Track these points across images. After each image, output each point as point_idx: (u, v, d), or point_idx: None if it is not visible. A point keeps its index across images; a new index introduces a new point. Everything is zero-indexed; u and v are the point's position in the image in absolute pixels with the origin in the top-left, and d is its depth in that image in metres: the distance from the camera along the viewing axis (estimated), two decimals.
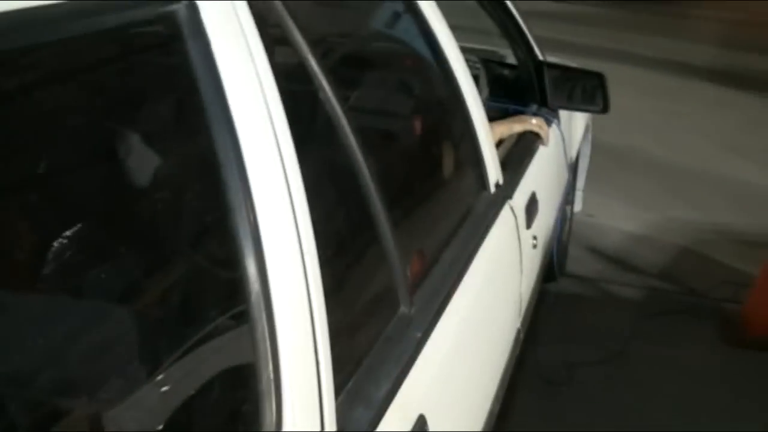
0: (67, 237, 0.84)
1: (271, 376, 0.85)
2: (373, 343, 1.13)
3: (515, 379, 2.01)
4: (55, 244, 0.84)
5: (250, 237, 0.84)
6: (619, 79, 2.77)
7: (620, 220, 4.01)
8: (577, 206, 3.50)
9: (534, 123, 2.26)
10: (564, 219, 3.02)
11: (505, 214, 1.76)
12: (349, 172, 1.16)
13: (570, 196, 3.18)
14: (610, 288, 3.39)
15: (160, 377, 0.87)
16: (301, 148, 0.94)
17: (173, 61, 0.87)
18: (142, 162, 0.94)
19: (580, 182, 3.47)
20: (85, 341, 0.87)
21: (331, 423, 0.92)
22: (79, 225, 0.86)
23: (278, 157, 0.89)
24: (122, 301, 0.92)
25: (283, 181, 0.90)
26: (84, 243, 0.86)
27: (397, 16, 1.88)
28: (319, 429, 0.89)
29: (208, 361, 0.92)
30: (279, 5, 1.04)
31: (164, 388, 0.88)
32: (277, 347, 0.85)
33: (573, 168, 3.02)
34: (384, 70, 2.04)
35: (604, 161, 4.06)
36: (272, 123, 0.90)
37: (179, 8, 0.83)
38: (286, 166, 0.90)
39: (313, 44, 1.10)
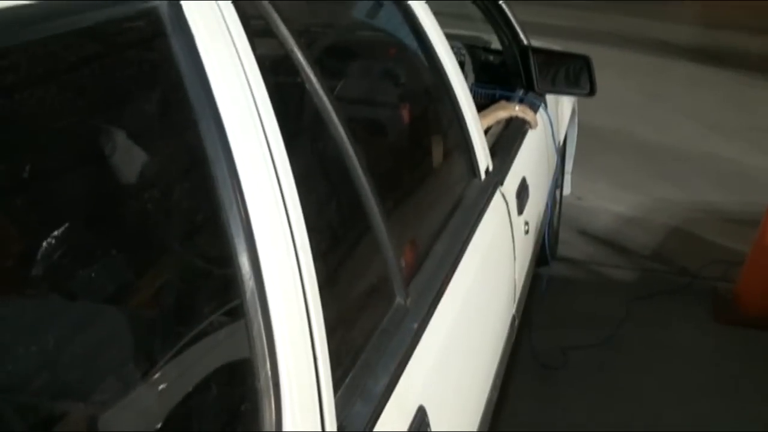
0: (56, 238, 0.83)
1: (269, 374, 0.84)
2: (369, 336, 1.11)
3: (511, 365, 2.01)
4: (44, 245, 0.82)
5: (242, 233, 0.83)
6: (601, 61, 2.77)
7: (608, 202, 4.02)
8: (566, 189, 3.50)
9: (517, 109, 2.24)
10: (554, 203, 3.02)
11: (496, 200, 1.75)
12: (339, 164, 1.15)
13: (559, 180, 3.18)
14: (601, 270, 3.40)
15: (155, 376, 0.86)
16: (290, 141, 0.93)
17: (157, 57, 0.86)
18: (130, 160, 0.93)
19: (568, 165, 3.47)
20: (78, 343, 0.86)
21: (330, 420, 0.91)
22: (67, 226, 0.84)
23: (267, 152, 0.88)
24: (115, 301, 0.91)
25: (274, 175, 0.88)
26: (74, 244, 0.85)
27: (380, 4, 1.86)
28: (319, 427, 0.88)
29: (204, 359, 0.91)
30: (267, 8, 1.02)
31: (161, 387, 0.87)
32: (273, 345, 0.84)
33: (561, 151, 3.01)
34: (370, 60, 2.03)
35: (589, 143, 4.06)
36: (260, 117, 0.88)
37: (161, 4, 0.81)
38: (276, 161, 0.89)
39: (298, 36, 1.08)
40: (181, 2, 0.82)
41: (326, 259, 1.07)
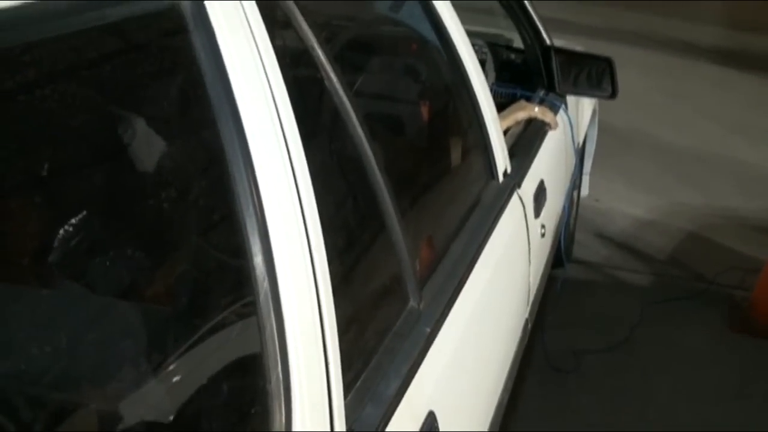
0: (73, 230, 0.83)
1: (280, 375, 0.83)
2: (382, 338, 1.11)
3: (523, 367, 2.00)
4: (61, 237, 0.82)
5: (257, 231, 0.83)
6: (623, 60, 2.74)
7: (626, 205, 3.99)
8: (584, 191, 3.47)
9: (537, 111, 2.22)
10: (571, 204, 3.00)
11: (513, 203, 1.74)
12: (356, 163, 1.14)
13: (577, 181, 3.15)
14: (616, 274, 3.38)
15: (167, 371, 0.86)
16: (307, 138, 0.92)
17: (179, 54, 0.85)
18: (149, 155, 0.93)
19: (587, 166, 3.44)
20: (91, 336, 0.86)
21: (340, 422, 0.90)
22: (85, 218, 0.85)
23: (285, 149, 0.88)
24: (129, 294, 0.91)
25: (290, 173, 0.88)
26: (90, 236, 0.85)
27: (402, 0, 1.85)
28: (328, 428, 0.88)
29: (215, 357, 0.91)
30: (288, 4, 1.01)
31: (173, 381, 0.87)
32: (285, 346, 0.83)
33: (580, 153, 2.99)
34: (390, 56, 2.02)
35: (608, 144, 4.03)
36: (279, 115, 0.88)
37: (184, 3, 0.81)
38: (293, 158, 0.89)
39: (319, 31, 1.07)
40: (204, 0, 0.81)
41: (340, 260, 1.07)
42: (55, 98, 0.81)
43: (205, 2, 0.82)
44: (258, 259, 0.83)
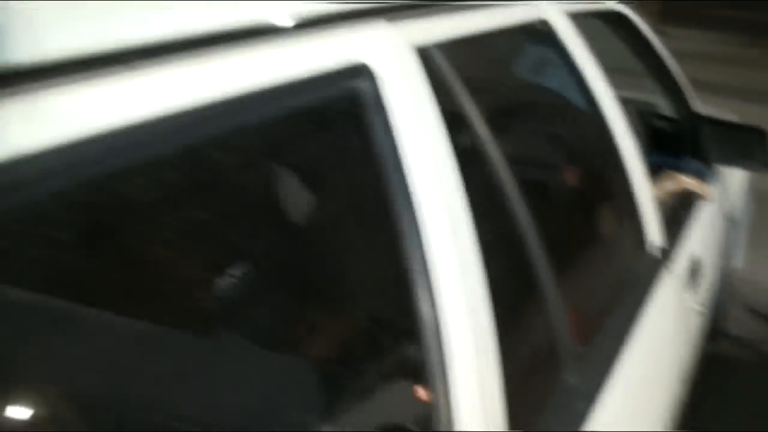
0: (230, 280, 0.87)
1: None
2: (537, 412, 1.10)
3: None
4: (224, 288, 0.87)
5: (426, 293, 0.86)
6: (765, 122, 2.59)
7: None
8: (738, 264, 3.29)
9: (689, 181, 2.16)
10: (724, 278, 2.85)
11: (666, 277, 1.68)
12: (514, 230, 1.16)
13: (730, 254, 3.00)
14: None
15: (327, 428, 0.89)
16: (471, 205, 0.95)
17: (356, 134, 0.90)
18: (319, 216, 0.98)
19: (742, 238, 3.27)
20: (252, 387, 0.90)
21: None
22: (243, 268, 0.89)
23: (452, 216, 0.91)
24: (290, 347, 0.94)
25: (457, 237, 0.90)
26: (253, 290, 0.89)
27: (548, 62, 1.85)
28: None
29: (380, 415, 0.93)
30: (449, 72, 1.06)
31: None
32: (451, 412, 0.85)
33: (734, 223, 2.85)
34: (536, 121, 2.02)
35: (763, 214, 3.81)
36: (445, 180, 0.92)
37: (360, 83, 0.87)
38: (460, 224, 0.91)
39: (479, 103, 1.11)
40: (378, 82, 0.87)
41: (498, 327, 1.07)
42: (234, 161, 0.88)
43: (380, 83, 0.87)
44: (426, 321, 0.85)
